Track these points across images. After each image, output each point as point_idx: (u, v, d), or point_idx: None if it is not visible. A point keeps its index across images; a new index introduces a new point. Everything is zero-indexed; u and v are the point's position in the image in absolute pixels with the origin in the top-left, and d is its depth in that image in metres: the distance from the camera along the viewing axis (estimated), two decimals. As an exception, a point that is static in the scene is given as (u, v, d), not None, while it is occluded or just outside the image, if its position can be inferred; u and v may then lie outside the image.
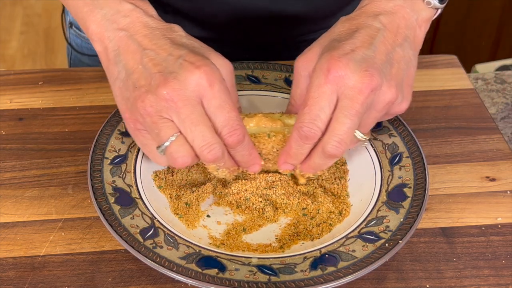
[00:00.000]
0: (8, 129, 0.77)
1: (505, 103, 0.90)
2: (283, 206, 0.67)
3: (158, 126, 0.59)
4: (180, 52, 0.60)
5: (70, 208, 0.68)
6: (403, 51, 0.63)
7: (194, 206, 0.67)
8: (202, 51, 0.62)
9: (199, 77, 0.58)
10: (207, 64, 0.59)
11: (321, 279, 0.58)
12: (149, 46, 0.61)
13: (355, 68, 0.59)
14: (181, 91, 0.58)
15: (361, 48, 0.60)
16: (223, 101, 0.59)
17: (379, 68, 0.60)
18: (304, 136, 0.60)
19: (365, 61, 0.59)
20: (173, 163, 0.61)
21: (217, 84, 0.59)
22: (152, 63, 0.60)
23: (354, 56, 0.59)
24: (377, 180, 0.69)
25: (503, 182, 0.73)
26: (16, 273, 0.62)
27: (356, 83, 0.58)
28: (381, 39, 0.61)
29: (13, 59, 2.47)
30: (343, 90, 0.59)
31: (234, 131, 0.60)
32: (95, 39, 0.63)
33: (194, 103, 0.58)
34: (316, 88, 0.60)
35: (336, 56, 0.59)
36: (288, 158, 0.64)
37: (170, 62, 0.59)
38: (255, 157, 0.64)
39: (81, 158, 0.73)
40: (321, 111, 0.59)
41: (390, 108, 0.62)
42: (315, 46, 0.65)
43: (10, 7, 2.70)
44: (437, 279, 0.63)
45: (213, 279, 0.58)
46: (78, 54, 0.99)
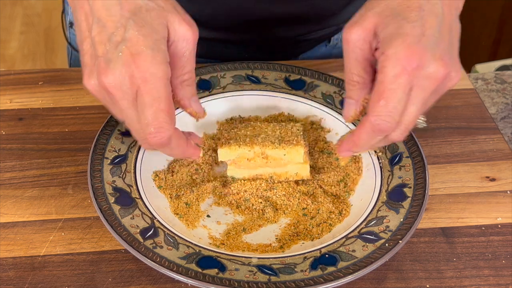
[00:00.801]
0: (8, 129, 0.77)
1: (505, 103, 0.90)
2: (283, 207, 0.67)
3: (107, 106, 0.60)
4: (125, 32, 0.57)
5: (70, 208, 0.68)
6: (457, 25, 0.60)
7: (194, 206, 0.67)
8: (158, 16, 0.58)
9: (134, 71, 0.56)
10: (146, 56, 0.56)
11: (321, 279, 0.58)
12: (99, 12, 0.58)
13: (431, 57, 0.56)
14: (117, 85, 0.57)
15: (430, 30, 0.57)
16: (154, 98, 0.57)
17: (448, 51, 0.58)
18: (378, 129, 0.58)
19: (437, 46, 0.57)
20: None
21: (152, 79, 0.57)
22: (98, 38, 0.58)
23: (428, 43, 0.57)
24: (377, 180, 0.69)
25: (503, 182, 0.73)
26: (16, 273, 0.62)
27: (432, 73, 0.57)
28: (442, 17, 0.59)
29: (13, 59, 2.47)
30: (418, 79, 0.57)
31: (157, 133, 0.58)
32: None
33: (130, 99, 0.57)
34: (393, 78, 0.56)
35: (411, 41, 0.56)
36: (355, 147, 0.62)
37: (112, 46, 0.57)
38: (190, 152, 0.63)
39: (81, 158, 0.73)
40: (399, 103, 0.57)
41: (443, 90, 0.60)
42: (369, 14, 0.60)
43: (10, 7, 2.70)
44: (437, 279, 0.63)
45: (213, 279, 0.58)
46: (79, 53, 0.99)
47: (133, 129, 0.59)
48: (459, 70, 0.59)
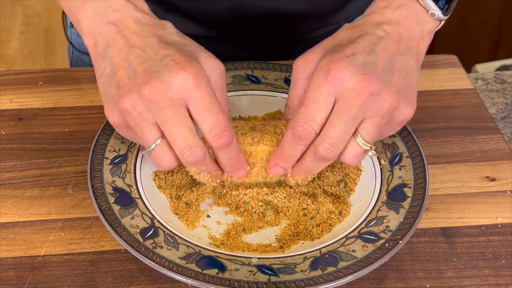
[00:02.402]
0: (8, 129, 0.77)
1: (505, 103, 0.90)
2: (284, 210, 0.67)
3: (141, 130, 0.59)
4: (167, 51, 0.59)
5: (70, 208, 0.68)
6: (405, 60, 0.62)
7: (194, 206, 0.67)
8: (191, 50, 0.61)
9: (184, 78, 0.57)
10: (193, 65, 0.58)
11: (321, 279, 0.58)
12: (136, 43, 0.60)
13: (355, 71, 0.58)
14: (164, 92, 0.57)
15: (362, 52, 0.60)
16: (210, 102, 0.58)
17: (380, 73, 0.59)
18: (297, 136, 0.60)
19: (366, 65, 0.59)
20: (158, 166, 0.61)
21: (203, 85, 0.57)
22: (137, 61, 0.59)
23: (355, 60, 0.59)
24: (377, 180, 0.69)
25: (503, 182, 0.73)
26: (16, 273, 0.62)
27: (354, 86, 0.58)
28: (383, 46, 0.61)
29: (13, 59, 2.47)
30: (341, 92, 0.58)
31: (222, 132, 0.58)
32: (86, 33, 0.63)
33: (176, 105, 0.57)
34: (314, 88, 0.59)
35: (337, 58, 0.59)
36: (280, 159, 0.63)
37: (155, 61, 0.58)
38: (242, 161, 0.63)
39: (81, 158, 0.73)
40: (317, 112, 0.59)
41: (393, 115, 0.61)
42: (316, 48, 0.64)
43: (10, 7, 2.70)
44: (437, 279, 0.63)
45: (213, 279, 0.58)
46: (80, 53, 0.99)
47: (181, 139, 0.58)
48: (410, 103, 0.61)
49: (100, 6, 0.62)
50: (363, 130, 0.60)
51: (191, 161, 0.59)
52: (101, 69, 0.61)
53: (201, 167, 0.61)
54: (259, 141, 0.64)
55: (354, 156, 0.61)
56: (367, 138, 0.61)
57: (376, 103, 0.59)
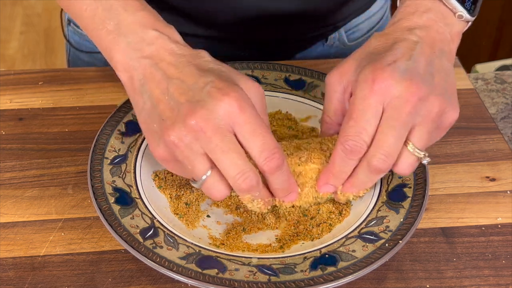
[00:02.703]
0: (8, 129, 0.77)
1: (505, 103, 0.90)
2: (285, 214, 0.67)
3: (190, 162, 0.57)
4: (207, 79, 0.57)
5: (70, 208, 0.68)
6: (441, 63, 0.61)
7: (194, 206, 0.67)
8: (230, 76, 0.60)
9: (229, 104, 0.56)
10: (236, 90, 0.57)
11: (321, 279, 0.58)
12: (174, 74, 0.58)
13: (400, 77, 0.57)
14: (210, 120, 0.55)
15: (402, 59, 0.59)
16: (257, 125, 0.56)
17: (423, 77, 0.58)
18: (349, 150, 0.58)
19: (409, 71, 0.58)
20: (210, 196, 0.60)
21: (248, 109, 0.56)
22: (178, 92, 0.57)
23: (398, 66, 0.58)
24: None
25: (503, 182, 0.73)
26: (16, 273, 0.62)
27: (402, 93, 0.57)
28: (419, 51, 0.60)
29: (13, 59, 2.48)
30: (389, 100, 0.57)
31: (273, 155, 0.57)
32: (120, 68, 0.61)
33: (224, 131, 0.56)
34: (361, 100, 0.58)
35: (380, 66, 0.58)
36: (331, 177, 0.61)
37: (197, 90, 0.57)
38: (293, 184, 0.62)
39: (81, 158, 0.73)
40: (367, 124, 0.57)
41: (441, 120, 0.60)
42: (349, 60, 0.63)
43: (10, 7, 2.70)
44: (437, 279, 0.63)
45: (213, 279, 0.58)
46: (77, 51, 0.99)
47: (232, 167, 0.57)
48: (454, 106, 0.60)
49: (134, 41, 0.60)
50: (414, 138, 0.59)
51: (245, 187, 0.57)
52: (140, 104, 0.60)
53: (255, 194, 0.59)
54: (306, 160, 0.62)
55: (408, 165, 0.60)
56: (419, 145, 0.59)
57: (425, 108, 0.58)
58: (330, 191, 0.63)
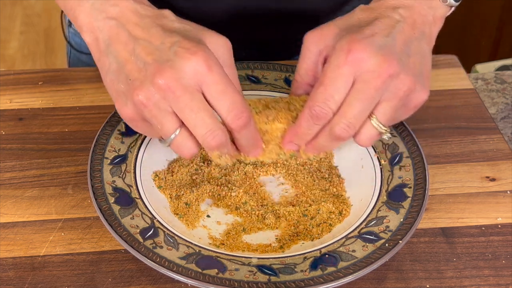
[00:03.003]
0: (8, 129, 0.77)
1: (505, 103, 0.90)
2: (285, 214, 0.67)
3: (158, 121, 0.58)
4: (173, 39, 0.58)
5: (70, 208, 0.68)
6: (419, 45, 0.62)
7: (194, 206, 0.67)
8: (195, 34, 0.60)
9: (196, 63, 0.56)
10: (203, 49, 0.57)
11: (321, 279, 0.58)
12: (140, 35, 0.59)
13: (375, 52, 0.58)
14: (178, 79, 0.56)
15: (381, 34, 0.60)
16: (224, 85, 0.57)
17: (398, 55, 0.59)
18: (315, 116, 0.60)
19: (385, 47, 0.59)
20: (179, 155, 0.61)
21: (216, 68, 0.57)
22: (145, 53, 0.58)
23: (375, 41, 0.59)
24: (377, 180, 0.69)
25: (503, 182, 0.73)
26: (16, 273, 0.62)
27: (374, 67, 0.58)
28: (399, 29, 0.61)
29: (13, 59, 2.47)
30: (361, 73, 0.58)
31: (241, 114, 0.58)
32: (85, 29, 0.62)
33: (192, 90, 0.57)
34: (334, 68, 0.59)
35: (357, 38, 0.59)
36: (295, 137, 0.63)
37: (164, 51, 0.58)
38: (258, 140, 0.63)
39: (81, 158, 0.73)
40: (336, 92, 0.59)
41: (410, 98, 0.61)
42: (330, 25, 0.64)
43: (10, 7, 2.70)
44: (437, 279, 0.63)
45: (213, 279, 0.58)
46: (77, 52, 0.99)
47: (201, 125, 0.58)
48: (425, 87, 0.61)
49: (97, 2, 0.61)
50: (379, 112, 0.60)
51: (214, 144, 0.59)
52: (106, 65, 0.61)
53: (223, 150, 0.60)
54: (274, 119, 0.63)
55: (369, 137, 0.62)
56: (383, 120, 0.61)
57: (394, 85, 0.59)
58: (293, 149, 0.64)
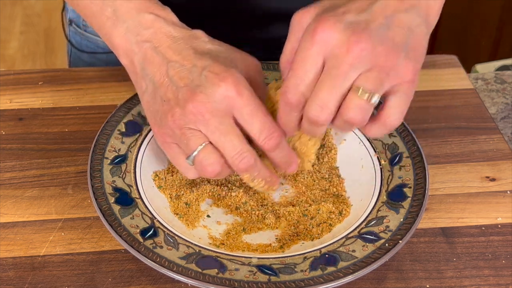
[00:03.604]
0: (8, 129, 0.77)
1: (505, 103, 0.90)
2: (285, 214, 0.67)
3: (186, 137, 0.59)
4: (205, 62, 0.59)
5: (70, 208, 0.68)
6: (407, 17, 0.57)
7: (194, 206, 0.67)
8: (227, 55, 0.61)
9: (226, 88, 0.57)
10: (232, 73, 0.58)
11: (321, 279, 0.58)
12: (173, 57, 0.60)
13: (342, 28, 0.55)
14: (208, 104, 0.57)
15: (354, 11, 0.56)
16: (254, 107, 0.58)
17: (371, 29, 0.55)
18: (288, 102, 0.58)
19: (355, 23, 0.56)
20: (203, 172, 0.60)
21: (245, 92, 0.58)
22: (178, 76, 0.59)
23: (344, 18, 0.56)
24: (377, 180, 0.69)
25: (503, 182, 0.73)
26: (16, 273, 0.62)
27: (342, 43, 0.55)
28: (382, 3, 0.57)
29: (13, 59, 2.47)
30: (329, 51, 0.55)
31: (272, 134, 0.59)
32: (121, 53, 0.63)
33: (222, 115, 0.58)
34: (302, 50, 0.57)
35: (325, 17, 0.56)
36: (282, 128, 0.61)
37: (195, 75, 0.59)
38: (293, 156, 0.63)
39: (81, 158, 0.73)
40: (306, 75, 0.56)
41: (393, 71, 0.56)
42: (315, 5, 0.61)
43: (10, 7, 2.70)
44: (437, 279, 0.63)
45: (213, 279, 0.58)
46: (78, 51, 0.99)
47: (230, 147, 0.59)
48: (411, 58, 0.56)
49: (132, 25, 0.62)
50: (361, 81, 0.55)
51: (243, 167, 0.59)
52: (143, 87, 0.62)
53: (254, 173, 0.61)
54: None
55: (358, 111, 0.56)
56: (369, 86, 0.55)
57: (370, 58, 0.55)
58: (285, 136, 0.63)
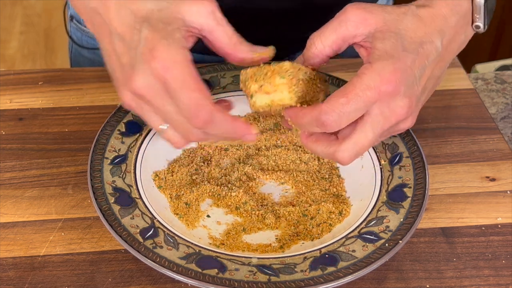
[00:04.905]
0: (8, 129, 0.77)
1: (505, 103, 0.90)
2: (285, 214, 0.67)
3: (144, 117, 0.60)
4: (141, 34, 0.58)
5: (70, 208, 0.68)
6: (440, 73, 0.63)
7: (194, 206, 0.67)
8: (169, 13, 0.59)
9: (155, 67, 0.56)
10: (161, 45, 0.57)
11: (321, 279, 0.58)
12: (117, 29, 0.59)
13: (403, 92, 0.58)
14: (145, 83, 0.57)
15: (417, 67, 0.59)
16: (181, 82, 0.56)
17: (418, 97, 0.60)
18: (322, 123, 0.57)
19: (412, 87, 0.59)
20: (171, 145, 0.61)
21: (174, 66, 0.56)
22: (120, 52, 0.59)
23: (409, 77, 0.58)
24: (377, 180, 0.69)
25: (503, 182, 0.73)
26: (16, 273, 0.62)
27: (396, 109, 0.58)
28: (431, 63, 0.60)
29: (13, 59, 2.47)
30: (384, 106, 0.58)
31: (198, 112, 0.57)
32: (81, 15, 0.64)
33: (161, 94, 0.57)
34: (365, 87, 0.57)
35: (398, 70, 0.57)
36: (295, 119, 0.61)
37: (132, 52, 0.58)
38: (240, 129, 0.60)
39: (81, 158, 0.73)
40: (354, 111, 0.57)
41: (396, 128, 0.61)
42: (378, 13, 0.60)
43: (10, 7, 2.70)
44: (437, 279, 0.63)
45: (213, 279, 0.58)
46: (79, 47, 0.99)
47: (178, 126, 0.59)
48: (415, 117, 0.62)
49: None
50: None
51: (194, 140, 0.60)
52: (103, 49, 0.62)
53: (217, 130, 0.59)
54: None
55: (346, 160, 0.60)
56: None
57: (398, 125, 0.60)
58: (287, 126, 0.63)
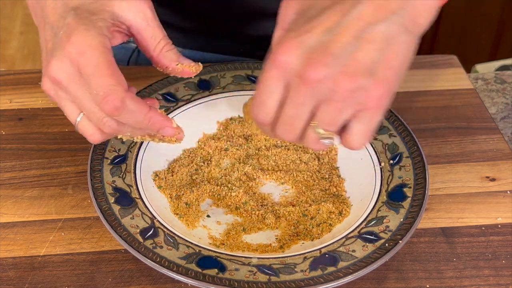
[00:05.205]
0: (8, 129, 0.77)
1: (505, 103, 0.90)
2: (285, 214, 0.67)
3: (62, 106, 0.60)
4: (65, 21, 0.58)
5: (70, 208, 0.68)
6: (384, 28, 0.51)
7: (194, 206, 0.67)
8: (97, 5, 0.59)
9: (69, 51, 0.56)
10: (78, 31, 0.56)
11: (321, 279, 0.58)
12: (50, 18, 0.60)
13: (301, 53, 0.52)
14: (60, 69, 0.57)
15: (321, 28, 0.51)
16: (94, 67, 0.56)
17: (331, 54, 0.51)
18: (257, 120, 0.56)
19: (316, 47, 0.51)
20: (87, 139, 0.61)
21: (88, 51, 0.56)
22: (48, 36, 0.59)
23: (306, 39, 0.52)
24: (377, 180, 0.69)
25: (503, 182, 0.73)
26: (16, 273, 0.62)
27: (299, 72, 0.52)
28: (355, 16, 0.51)
29: (13, 59, 2.47)
30: (290, 77, 0.53)
31: (108, 96, 0.55)
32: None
33: (75, 79, 0.57)
34: (265, 70, 0.54)
35: (289, 37, 0.53)
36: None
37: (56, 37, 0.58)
38: (156, 120, 0.59)
39: (81, 158, 0.73)
40: (268, 98, 0.54)
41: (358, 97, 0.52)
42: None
43: (10, 7, 2.70)
44: (437, 279, 0.63)
45: (213, 279, 0.58)
46: None
47: (91, 114, 0.58)
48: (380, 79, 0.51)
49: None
50: (318, 117, 0.54)
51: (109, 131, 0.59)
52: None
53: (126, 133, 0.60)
54: None
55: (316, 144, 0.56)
56: (323, 125, 0.54)
57: (326, 88, 0.51)
58: None
